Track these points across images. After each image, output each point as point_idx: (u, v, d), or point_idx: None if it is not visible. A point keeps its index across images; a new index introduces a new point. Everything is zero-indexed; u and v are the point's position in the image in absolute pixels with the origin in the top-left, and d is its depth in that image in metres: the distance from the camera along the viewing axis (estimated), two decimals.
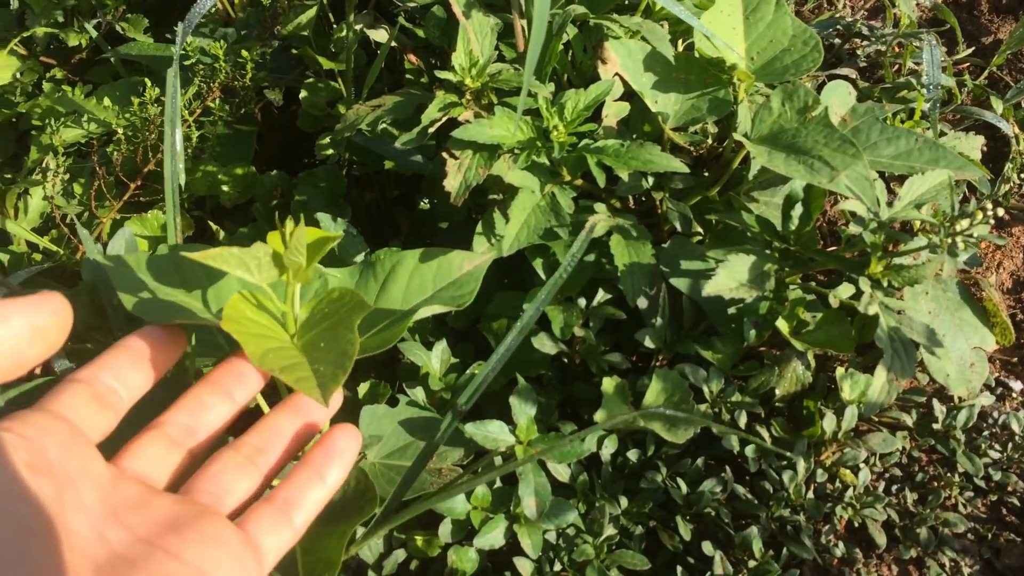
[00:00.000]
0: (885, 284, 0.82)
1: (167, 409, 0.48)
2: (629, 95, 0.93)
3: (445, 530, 0.84)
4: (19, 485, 0.34)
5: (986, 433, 0.95)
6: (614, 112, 0.91)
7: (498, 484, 0.86)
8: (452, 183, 0.81)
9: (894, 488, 0.93)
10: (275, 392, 0.62)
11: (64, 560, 0.34)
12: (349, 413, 0.82)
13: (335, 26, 1.11)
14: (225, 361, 0.51)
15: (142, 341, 0.47)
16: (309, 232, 0.51)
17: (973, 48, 1.22)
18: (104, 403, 0.44)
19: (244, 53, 1.00)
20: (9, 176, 1.16)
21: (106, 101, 1.01)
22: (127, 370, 0.46)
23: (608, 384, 0.87)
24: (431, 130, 0.84)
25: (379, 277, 0.72)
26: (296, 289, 0.52)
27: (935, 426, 0.93)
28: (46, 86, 1.26)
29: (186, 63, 1.02)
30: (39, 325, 0.39)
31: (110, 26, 1.27)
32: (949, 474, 0.94)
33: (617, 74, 0.91)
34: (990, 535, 0.91)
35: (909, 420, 0.93)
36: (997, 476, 0.92)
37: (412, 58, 1.08)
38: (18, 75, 1.20)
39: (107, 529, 0.39)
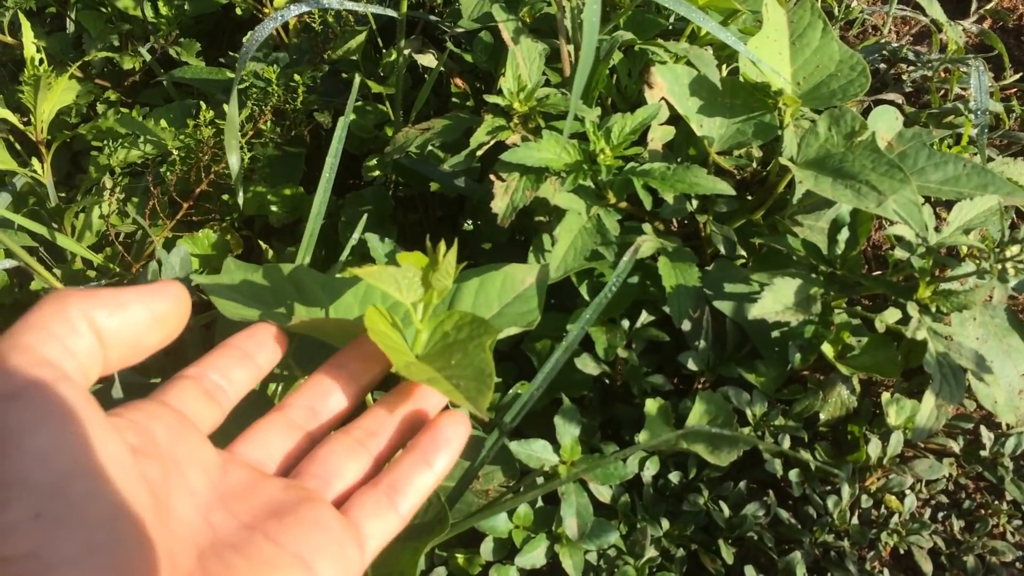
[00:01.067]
0: (933, 309, 0.82)
1: (290, 393, 0.48)
2: (674, 119, 0.94)
3: (487, 548, 0.85)
4: (120, 468, 0.33)
5: None
6: (659, 136, 0.92)
7: (540, 504, 0.86)
8: (499, 205, 0.82)
9: (940, 515, 0.92)
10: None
11: (161, 545, 0.33)
12: None
13: (384, 51, 1.14)
14: (348, 345, 0.51)
15: (248, 340, 0.48)
16: (418, 257, 0.52)
17: (1021, 74, 1.21)
18: (211, 398, 0.44)
19: (296, 77, 1.02)
20: (63, 194, 1.20)
21: (162, 123, 1.04)
22: (233, 368, 0.46)
23: (651, 405, 0.88)
24: (479, 153, 0.85)
25: (446, 297, 0.73)
26: (432, 308, 0.53)
27: (983, 453, 0.92)
28: (100, 107, 1.30)
29: (240, 86, 1.05)
30: (158, 313, 0.39)
31: (163, 50, 1.30)
32: (997, 502, 0.92)
33: (663, 98, 0.92)
34: None
35: (956, 447, 0.93)
36: None
37: (458, 82, 1.09)
38: (76, 97, 1.23)
39: (213, 514, 0.39)
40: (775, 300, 0.81)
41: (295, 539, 0.39)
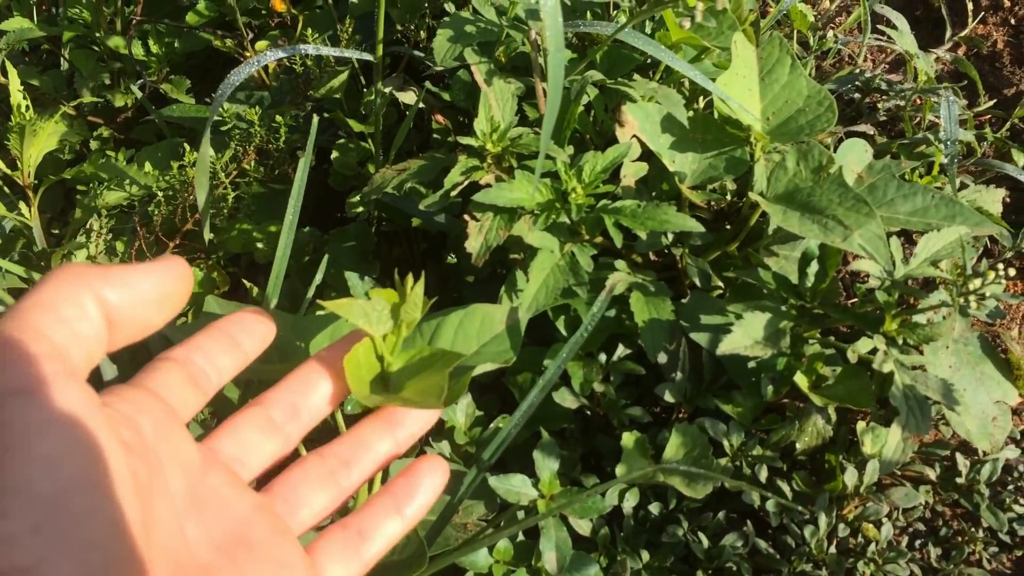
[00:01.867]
0: (900, 341, 0.83)
1: (271, 388, 0.46)
2: (648, 155, 0.95)
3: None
4: (119, 480, 0.32)
5: (1011, 487, 0.95)
6: (632, 172, 0.94)
7: (520, 537, 0.87)
8: (473, 244, 0.84)
9: (917, 543, 0.93)
10: None
11: (147, 565, 0.32)
12: None
13: (366, 89, 1.16)
14: (334, 344, 0.50)
15: (235, 325, 0.46)
16: (390, 293, 0.54)
17: (995, 100, 1.23)
18: (196, 384, 0.43)
19: (278, 118, 1.04)
20: (56, 231, 1.22)
21: (147, 166, 1.06)
22: (219, 353, 0.45)
23: (628, 439, 0.89)
24: (453, 193, 0.87)
25: (425, 334, 0.74)
26: (400, 340, 0.54)
27: (959, 480, 0.93)
28: (93, 144, 1.32)
29: (223, 128, 1.07)
30: (165, 290, 0.39)
31: (154, 87, 1.33)
32: (973, 529, 0.93)
33: (635, 136, 0.94)
34: None
35: (932, 474, 0.94)
36: (1022, 531, 0.91)
37: (439, 118, 1.11)
38: (68, 135, 1.26)
39: (188, 524, 0.38)
40: (744, 335, 0.83)
41: (260, 574, 0.39)
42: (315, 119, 0.75)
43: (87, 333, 0.35)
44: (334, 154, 1.12)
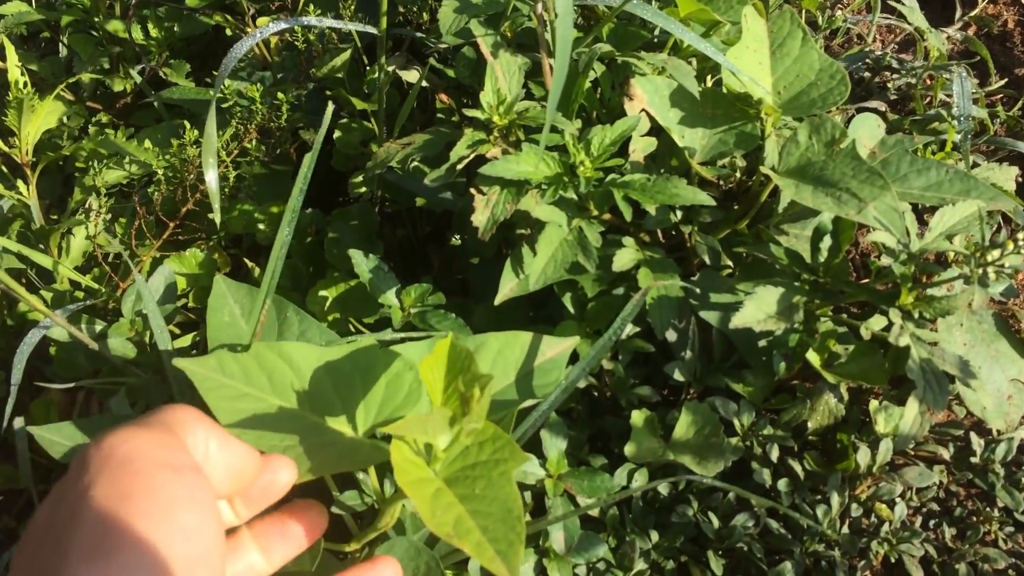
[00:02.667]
0: (916, 316, 0.81)
1: (245, 523, 0.51)
2: (656, 130, 0.94)
3: (474, 565, 0.84)
4: (222, 560, 0.38)
5: None
6: (641, 147, 0.92)
7: (527, 518, 0.86)
8: (480, 218, 0.82)
9: (931, 523, 0.91)
10: None
11: None
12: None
13: (368, 68, 1.14)
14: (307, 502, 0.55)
15: (293, 520, 0.52)
16: (440, 349, 0.53)
17: (1006, 79, 1.21)
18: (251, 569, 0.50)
19: (280, 95, 1.03)
20: (55, 217, 1.20)
21: (147, 143, 1.04)
22: (277, 541, 0.51)
23: (637, 417, 0.87)
24: (459, 167, 0.85)
25: None
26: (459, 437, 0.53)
27: (973, 460, 0.91)
28: (92, 130, 1.31)
29: (224, 106, 1.05)
30: (245, 469, 0.45)
31: (154, 71, 1.31)
32: (988, 509, 0.92)
33: (644, 110, 0.92)
34: None
35: (946, 454, 0.92)
36: None
37: (444, 97, 1.10)
38: (64, 119, 1.24)
39: None
40: (757, 309, 0.81)
41: None
42: (330, 106, 0.74)
43: (198, 458, 0.41)
44: (337, 133, 1.10)
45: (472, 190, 0.83)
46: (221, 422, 0.57)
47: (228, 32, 1.28)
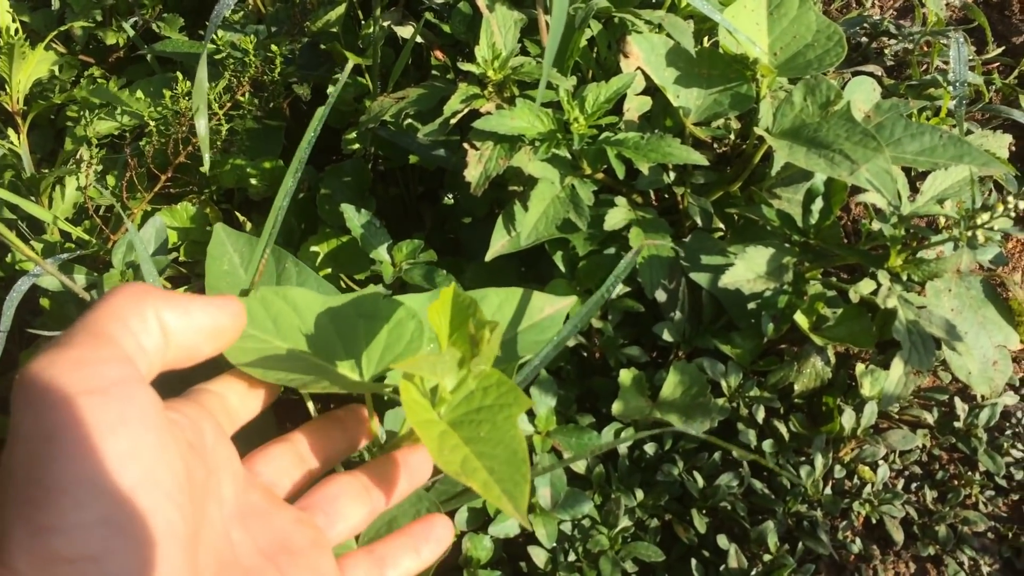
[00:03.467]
0: (905, 278, 0.82)
1: (294, 430, 0.50)
2: (652, 90, 0.93)
3: (461, 518, 0.85)
4: (179, 481, 0.34)
5: (1008, 432, 0.94)
6: (636, 106, 0.92)
7: None
8: (472, 173, 0.82)
9: (913, 486, 0.92)
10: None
11: (197, 562, 0.35)
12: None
13: (363, 22, 1.13)
14: (348, 407, 0.54)
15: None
16: (444, 298, 0.53)
17: (1004, 48, 1.21)
18: (230, 416, 0.46)
19: (273, 48, 1.02)
20: (46, 171, 1.19)
21: (139, 94, 1.04)
22: (246, 393, 0.49)
23: (626, 376, 0.88)
24: (453, 122, 0.85)
25: None
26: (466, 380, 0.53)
27: (956, 424, 0.92)
28: (83, 82, 1.30)
29: (217, 57, 1.04)
30: (218, 324, 0.41)
31: (147, 25, 1.30)
32: (970, 473, 0.93)
33: (639, 69, 0.92)
34: (1011, 534, 0.90)
35: (930, 418, 0.93)
36: (1019, 475, 0.91)
37: (439, 54, 1.09)
38: (56, 71, 1.23)
39: (234, 529, 0.41)
40: (747, 268, 0.81)
41: None
42: (337, 83, 0.73)
43: (149, 346, 0.37)
44: (330, 88, 1.09)
45: (465, 145, 0.82)
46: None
47: None
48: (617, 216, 0.88)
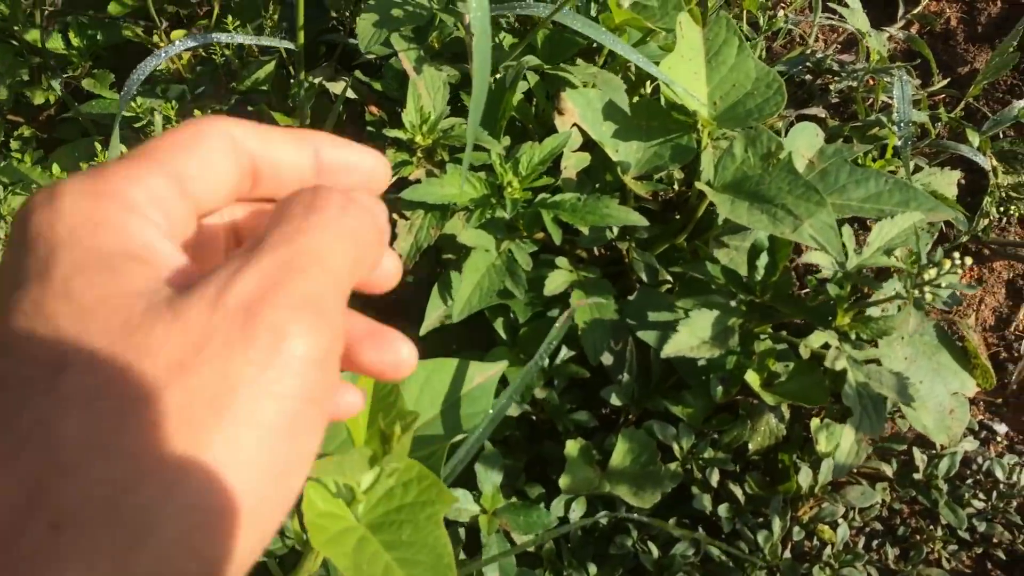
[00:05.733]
0: (853, 336, 0.79)
1: None
2: (590, 145, 0.90)
3: None
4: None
5: (970, 481, 0.92)
6: (573, 163, 0.89)
7: (462, 556, 0.83)
8: (403, 245, 0.78)
9: (875, 543, 0.89)
10: None
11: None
12: None
13: (293, 80, 1.09)
14: None
15: None
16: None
17: (949, 79, 1.20)
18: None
19: (196, 112, 0.98)
20: None
21: (55, 168, 0.99)
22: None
23: (572, 447, 0.85)
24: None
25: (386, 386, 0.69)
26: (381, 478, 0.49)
27: (916, 476, 0.89)
28: (13, 144, 1.25)
29: (137, 125, 1.00)
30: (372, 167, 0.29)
31: (76, 83, 1.25)
32: (932, 527, 0.90)
33: (576, 124, 0.89)
34: None
35: (889, 470, 0.90)
36: (982, 527, 0.88)
37: (373, 109, 1.06)
38: None
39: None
40: (691, 335, 0.78)
41: None
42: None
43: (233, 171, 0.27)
44: None
45: (394, 216, 0.79)
46: None
47: (147, 45, 1.23)
48: (558, 280, 0.85)
